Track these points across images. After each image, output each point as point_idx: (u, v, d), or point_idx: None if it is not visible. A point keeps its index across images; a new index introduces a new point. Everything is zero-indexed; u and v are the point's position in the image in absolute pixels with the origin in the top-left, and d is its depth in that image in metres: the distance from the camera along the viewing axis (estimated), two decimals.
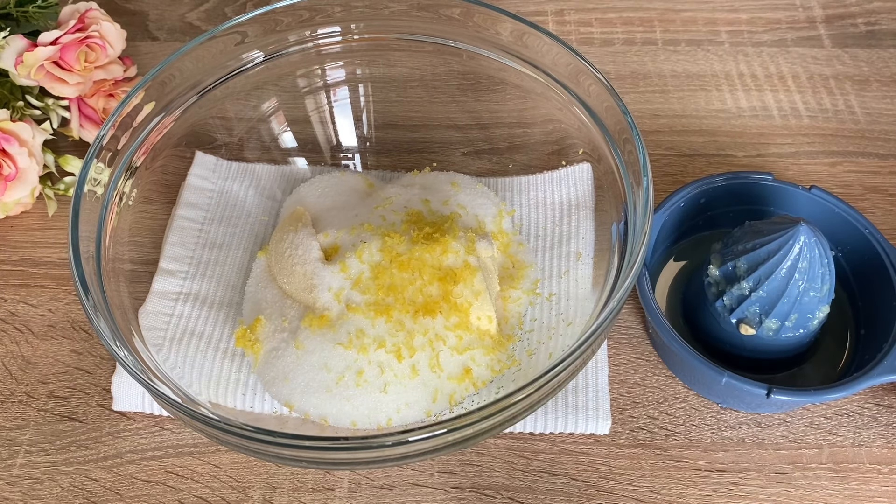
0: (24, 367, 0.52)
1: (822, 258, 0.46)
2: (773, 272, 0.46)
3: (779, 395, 0.45)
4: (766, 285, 0.46)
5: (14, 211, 0.58)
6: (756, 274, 0.46)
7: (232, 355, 0.49)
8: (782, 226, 0.46)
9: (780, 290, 0.46)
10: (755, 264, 0.47)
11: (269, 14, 0.53)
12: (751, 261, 0.47)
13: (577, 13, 0.72)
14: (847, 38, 0.70)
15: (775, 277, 0.46)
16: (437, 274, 0.48)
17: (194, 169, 0.56)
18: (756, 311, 0.47)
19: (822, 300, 0.47)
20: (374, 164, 0.60)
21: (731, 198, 0.54)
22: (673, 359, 0.51)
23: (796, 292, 0.46)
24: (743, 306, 0.47)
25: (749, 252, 0.47)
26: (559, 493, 0.47)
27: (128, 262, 0.49)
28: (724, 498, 0.47)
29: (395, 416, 0.46)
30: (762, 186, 0.53)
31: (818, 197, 0.52)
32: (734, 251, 0.48)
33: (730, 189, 0.54)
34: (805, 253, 0.45)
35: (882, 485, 0.47)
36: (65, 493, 0.47)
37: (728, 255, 0.48)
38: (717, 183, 0.53)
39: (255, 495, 0.47)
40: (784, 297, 0.46)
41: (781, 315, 0.47)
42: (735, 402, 0.49)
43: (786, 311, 0.47)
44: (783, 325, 0.47)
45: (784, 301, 0.46)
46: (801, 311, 0.47)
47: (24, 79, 0.59)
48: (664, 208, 0.52)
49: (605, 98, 0.48)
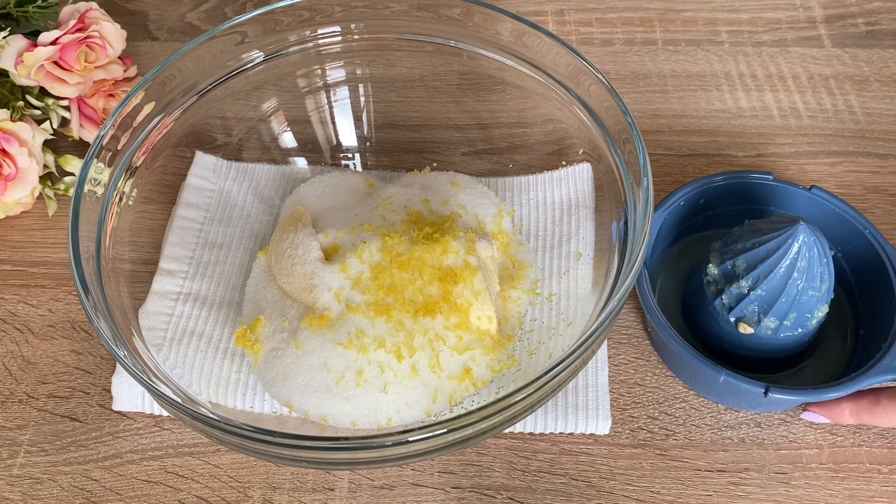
0: (24, 367, 0.52)
1: (821, 257, 0.46)
2: (772, 271, 0.46)
3: (776, 393, 0.45)
4: (765, 284, 0.46)
5: (14, 211, 0.58)
6: (755, 273, 0.47)
7: (232, 355, 0.49)
8: (781, 225, 0.46)
9: (779, 289, 0.46)
10: (754, 263, 0.47)
11: (269, 14, 0.53)
12: (750, 259, 0.47)
13: (577, 13, 0.72)
14: (847, 38, 0.70)
15: (774, 276, 0.46)
16: (437, 274, 0.48)
17: (194, 169, 0.56)
18: (755, 310, 0.47)
19: (820, 299, 0.47)
20: (374, 164, 0.60)
21: (731, 197, 0.54)
22: (672, 358, 0.51)
23: (795, 291, 0.46)
24: (742, 305, 0.47)
25: (748, 251, 0.47)
26: (559, 493, 0.47)
27: (128, 262, 0.49)
28: (724, 498, 0.47)
29: (395, 416, 0.46)
30: (762, 186, 0.53)
31: (818, 197, 0.53)
32: (733, 250, 0.48)
33: (730, 188, 0.54)
34: (804, 252, 0.45)
35: (882, 485, 0.47)
36: (65, 493, 0.47)
37: (727, 254, 0.48)
38: (717, 182, 0.53)
39: (255, 495, 0.47)
40: (783, 295, 0.46)
41: (780, 314, 0.47)
42: (734, 401, 0.49)
43: (784, 310, 0.47)
44: (782, 324, 0.47)
45: (783, 300, 0.46)
46: (799, 311, 0.47)
47: (24, 79, 0.59)
48: (664, 207, 0.52)
49: (605, 98, 0.48)
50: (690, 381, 0.50)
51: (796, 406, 0.49)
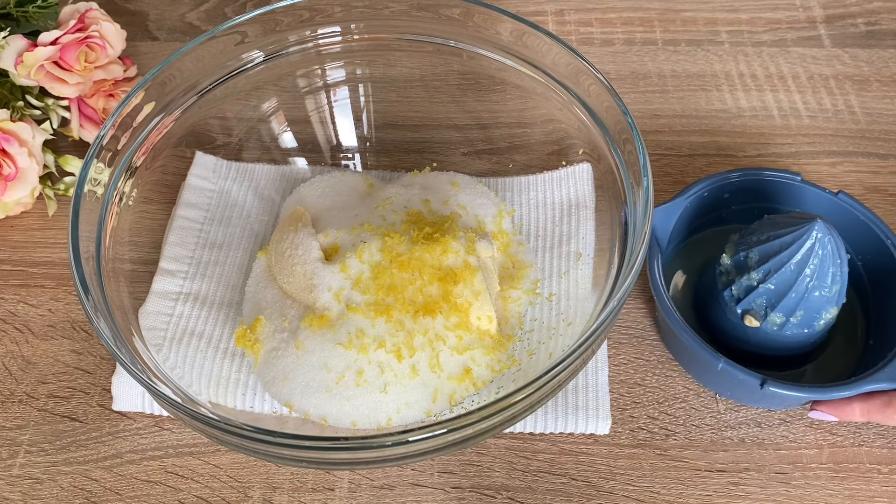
0: (24, 367, 0.52)
1: (835, 258, 0.45)
2: (784, 265, 0.46)
3: (772, 386, 0.45)
4: (775, 278, 0.46)
5: (14, 211, 0.58)
6: (766, 266, 0.46)
7: (232, 355, 0.49)
8: (800, 220, 0.46)
9: (788, 285, 0.46)
10: (767, 256, 0.46)
11: (269, 14, 0.53)
12: (763, 252, 0.47)
13: (577, 13, 0.72)
14: (847, 38, 0.70)
15: (784, 271, 0.46)
16: (437, 274, 0.48)
17: (194, 169, 0.56)
18: (762, 304, 0.47)
19: (830, 301, 0.47)
20: (374, 164, 0.60)
21: (754, 194, 0.54)
22: (675, 344, 0.51)
23: (804, 288, 0.46)
24: (750, 297, 0.47)
25: (763, 243, 0.47)
26: (559, 493, 0.47)
27: (128, 262, 0.49)
28: (724, 498, 0.47)
29: (395, 416, 0.46)
30: (789, 186, 0.53)
31: (844, 202, 0.52)
32: (748, 241, 0.48)
33: (754, 185, 0.53)
34: (817, 249, 0.45)
35: (882, 485, 0.47)
36: (65, 493, 0.47)
37: (742, 245, 0.48)
38: (741, 177, 0.53)
39: (255, 495, 0.47)
40: (791, 291, 0.46)
41: (787, 310, 0.47)
42: (731, 391, 0.49)
43: (791, 307, 0.47)
44: (788, 320, 0.47)
45: (791, 295, 0.46)
46: (807, 309, 0.47)
47: (24, 79, 0.59)
48: (686, 194, 0.52)
49: (605, 98, 0.48)
50: (692, 368, 0.50)
51: (800, 404, 0.49)
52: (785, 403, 0.49)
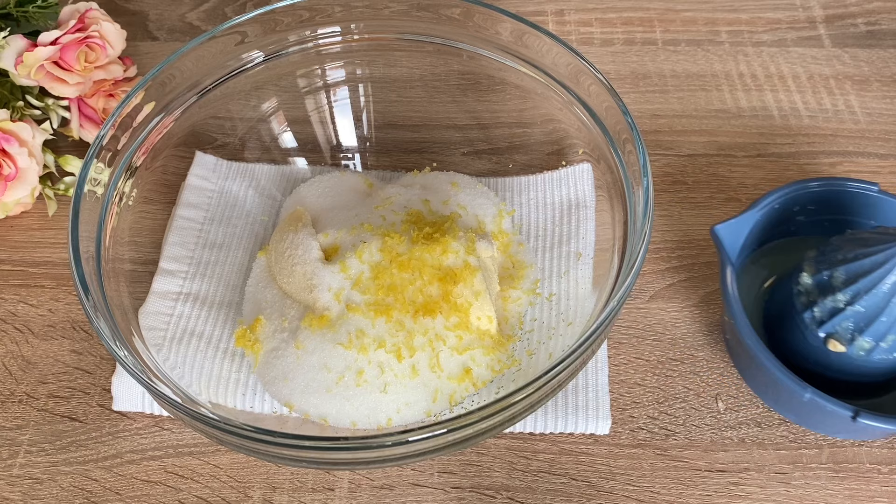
0: (24, 367, 0.52)
1: None
2: (875, 286, 0.42)
3: (866, 419, 0.42)
4: (865, 300, 0.42)
5: (14, 211, 0.58)
6: (855, 287, 0.43)
7: (232, 355, 0.49)
8: (891, 237, 0.42)
9: (880, 307, 0.42)
10: (855, 276, 0.43)
11: (269, 14, 0.53)
12: (850, 272, 0.43)
13: (577, 13, 0.72)
14: (847, 38, 0.70)
15: (876, 292, 0.42)
16: (437, 274, 0.48)
17: (194, 169, 0.56)
18: (849, 327, 0.44)
19: None
20: (374, 164, 0.60)
21: (825, 205, 0.50)
22: (752, 370, 0.47)
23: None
24: (835, 320, 0.44)
25: (849, 262, 0.43)
26: (559, 493, 0.47)
27: (128, 262, 0.49)
28: (724, 498, 0.47)
29: (395, 416, 0.46)
30: (864, 196, 0.50)
31: None
32: (832, 259, 0.44)
33: (824, 196, 0.50)
34: None
35: (882, 485, 0.47)
36: (65, 493, 0.47)
37: (824, 264, 0.44)
38: (812, 188, 0.50)
39: (255, 495, 0.47)
40: (883, 314, 0.42)
41: (877, 334, 0.43)
42: (816, 423, 0.46)
43: (883, 331, 0.43)
44: (878, 345, 0.43)
45: (882, 319, 0.43)
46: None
47: (24, 79, 0.59)
48: (758, 207, 0.49)
49: (605, 98, 0.48)
50: (769, 397, 0.48)
51: (886, 436, 0.47)
52: (873, 436, 0.47)
